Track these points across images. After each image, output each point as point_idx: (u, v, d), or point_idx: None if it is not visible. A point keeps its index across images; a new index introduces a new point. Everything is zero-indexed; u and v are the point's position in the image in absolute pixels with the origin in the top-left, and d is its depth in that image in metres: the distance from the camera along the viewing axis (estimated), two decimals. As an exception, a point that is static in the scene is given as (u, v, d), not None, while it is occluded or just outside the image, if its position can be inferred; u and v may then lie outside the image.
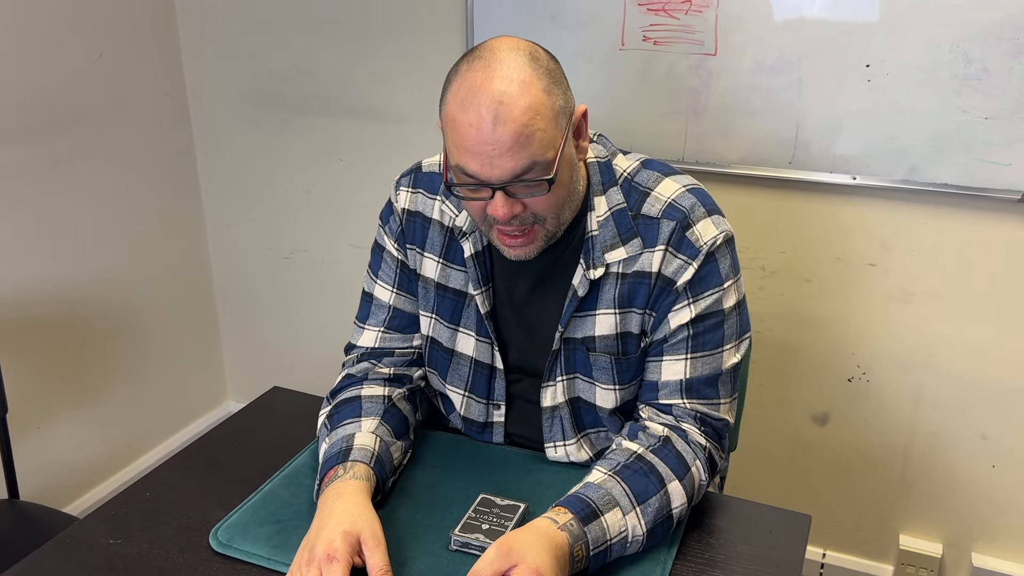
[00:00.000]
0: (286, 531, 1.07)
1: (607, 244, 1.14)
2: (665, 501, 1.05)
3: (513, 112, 0.98)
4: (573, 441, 1.23)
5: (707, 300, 1.13)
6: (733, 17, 1.70)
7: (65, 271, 2.10)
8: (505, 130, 0.98)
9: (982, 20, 1.55)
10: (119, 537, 1.08)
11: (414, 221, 1.25)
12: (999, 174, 1.63)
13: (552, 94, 1.02)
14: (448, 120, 1.03)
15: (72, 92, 2.04)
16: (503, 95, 0.99)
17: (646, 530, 1.03)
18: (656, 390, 1.15)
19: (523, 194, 1.04)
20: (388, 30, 2.06)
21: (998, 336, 1.75)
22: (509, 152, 0.99)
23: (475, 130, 0.99)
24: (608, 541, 1.01)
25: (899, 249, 1.77)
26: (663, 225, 1.13)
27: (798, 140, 1.74)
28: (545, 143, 1.01)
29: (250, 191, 2.40)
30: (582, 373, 1.19)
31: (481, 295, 1.20)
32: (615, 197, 1.15)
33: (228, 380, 2.70)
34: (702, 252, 1.12)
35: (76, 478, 2.23)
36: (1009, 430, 1.81)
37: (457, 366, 1.26)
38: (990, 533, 1.90)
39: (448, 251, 1.23)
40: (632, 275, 1.14)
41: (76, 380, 2.19)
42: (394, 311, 1.29)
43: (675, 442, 1.11)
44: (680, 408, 1.14)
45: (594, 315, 1.16)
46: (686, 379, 1.14)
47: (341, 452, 1.12)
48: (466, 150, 1.01)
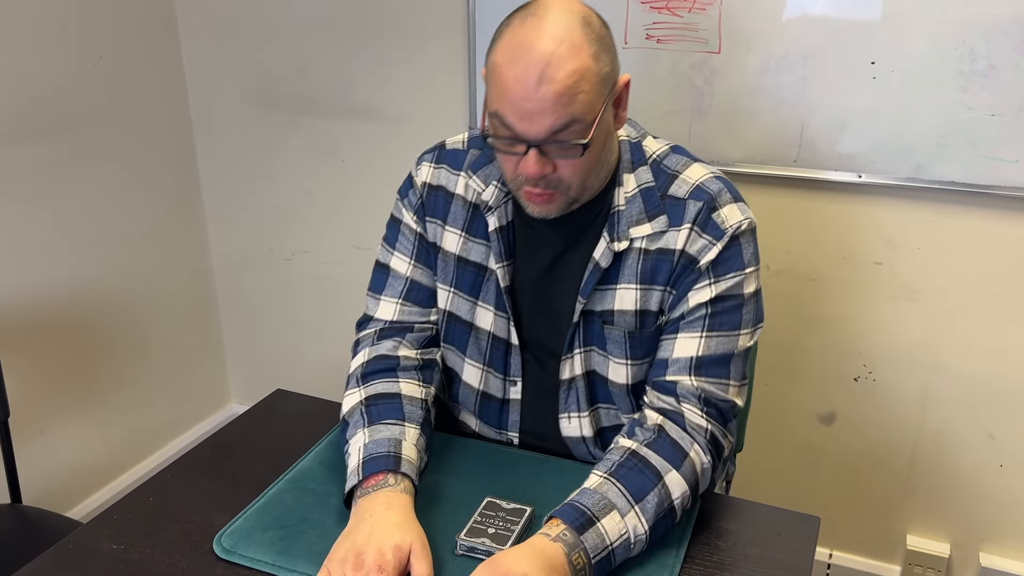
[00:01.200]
0: (290, 536, 1.06)
1: (633, 219, 1.15)
2: (664, 495, 1.04)
3: (559, 74, 0.99)
4: (587, 413, 1.23)
5: (728, 282, 1.13)
6: (737, 15, 1.69)
7: (67, 274, 2.10)
8: (549, 89, 1.00)
9: (988, 16, 1.54)
10: (122, 543, 1.07)
11: (436, 195, 1.26)
12: (1006, 171, 1.61)
13: (600, 60, 1.03)
14: (493, 69, 1.04)
15: (73, 94, 2.04)
16: (551, 56, 1.00)
17: (648, 528, 1.02)
18: (665, 367, 1.14)
19: (556, 155, 1.05)
20: (389, 30, 2.05)
21: (1005, 335, 1.74)
22: (549, 111, 1.01)
23: (519, 85, 1.00)
24: (609, 546, 1.00)
25: (905, 247, 1.75)
26: (689, 205, 1.14)
27: (803, 138, 1.73)
28: (586, 107, 1.02)
29: (251, 193, 2.39)
30: (598, 346, 1.19)
31: (502, 269, 1.20)
32: (644, 176, 1.17)
33: (231, 383, 2.69)
34: (727, 234, 1.13)
35: (79, 482, 2.22)
36: (1017, 429, 1.79)
37: (476, 340, 1.25)
38: (998, 533, 1.88)
39: (471, 225, 1.23)
40: (656, 252, 1.15)
41: (78, 383, 2.18)
42: (412, 283, 1.28)
43: (669, 431, 1.10)
44: (685, 386, 1.12)
45: (615, 289, 1.16)
46: (697, 356, 1.13)
47: (391, 458, 1.09)
48: (507, 102, 1.02)
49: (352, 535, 1.01)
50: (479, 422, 1.32)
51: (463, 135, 1.30)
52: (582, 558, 0.97)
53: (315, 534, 1.06)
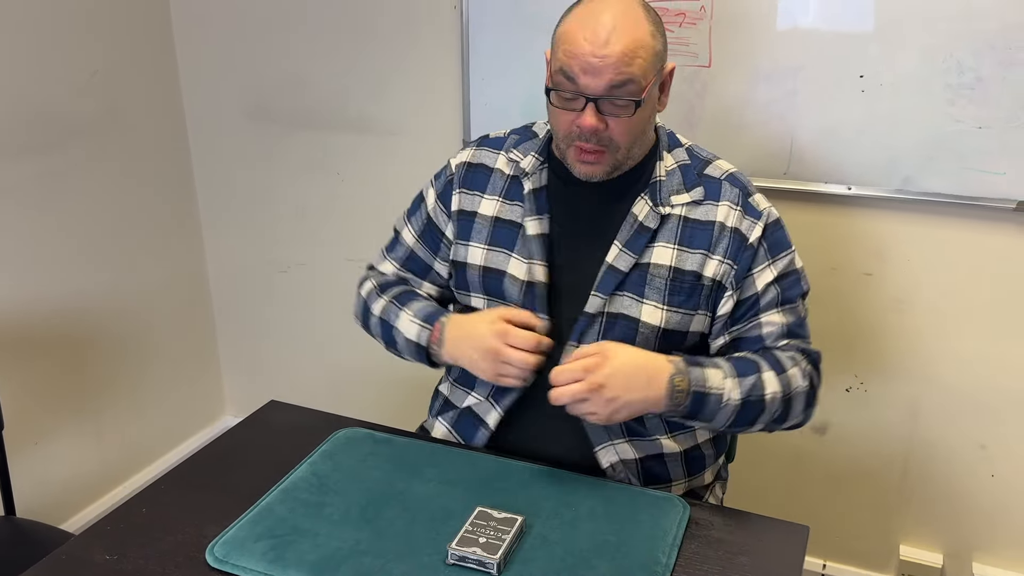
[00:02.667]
0: (282, 546, 1.06)
1: (673, 189, 1.29)
2: (760, 383, 1.20)
3: (624, 37, 1.15)
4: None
5: (784, 260, 1.29)
6: (727, 29, 1.71)
7: (62, 286, 2.10)
8: (614, 48, 1.14)
9: (975, 30, 1.56)
10: (115, 553, 1.07)
11: (475, 171, 1.39)
12: (994, 183, 1.63)
13: (655, 38, 1.19)
14: (563, 34, 1.19)
15: (70, 107, 2.05)
16: (618, 23, 1.16)
17: (740, 398, 1.19)
18: (762, 341, 1.29)
19: (610, 112, 1.18)
20: (384, 44, 2.06)
21: (995, 345, 1.75)
22: (612, 67, 1.15)
23: (588, 43, 1.15)
24: (707, 388, 1.17)
25: (895, 259, 1.77)
26: (726, 186, 1.29)
27: (793, 151, 1.74)
28: (643, 70, 1.17)
29: (247, 205, 2.40)
30: (632, 292, 1.28)
31: (535, 221, 1.31)
32: (681, 155, 1.33)
33: (226, 395, 2.69)
34: (763, 215, 1.28)
35: (73, 494, 2.22)
36: (1008, 439, 1.80)
37: (511, 287, 1.34)
38: (990, 542, 1.89)
39: (508, 191, 1.36)
40: (694, 221, 1.28)
41: (73, 395, 2.18)
42: (411, 253, 1.45)
43: (776, 353, 1.26)
44: (784, 346, 1.29)
45: (653, 246, 1.28)
46: (785, 325, 1.29)
47: (438, 311, 1.34)
48: (575, 57, 1.16)
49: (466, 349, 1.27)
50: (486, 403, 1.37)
51: (505, 130, 1.43)
52: (684, 381, 1.16)
53: (307, 543, 1.07)
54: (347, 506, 1.14)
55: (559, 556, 1.05)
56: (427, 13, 1.99)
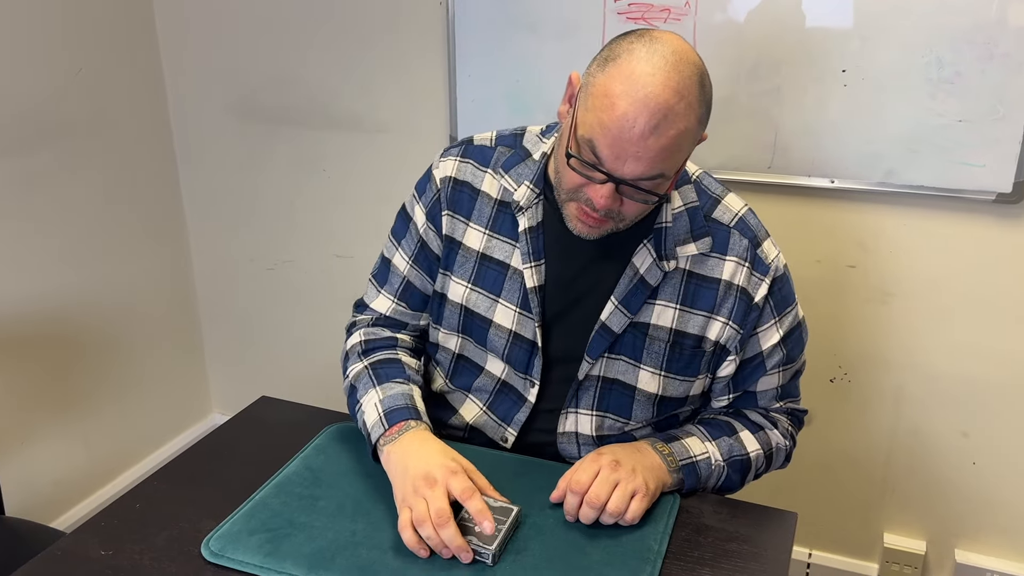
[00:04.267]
0: (277, 539, 1.07)
1: (679, 238, 1.18)
2: (738, 443, 1.20)
3: (670, 131, 1.00)
4: (588, 412, 1.25)
5: (788, 318, 1.24)
6: (711, 25, 1.72)
7: (47, 286, 2.10)
8: (656, 143, 1.00)
9: (954, 25, 1.58)
10: (110, 548, 1.08)
11: (461, 191, 1.26)
12: (974, 175, 1.66)
13: (702, 123, 1.06)
14: (602, 94, 1.01)
15: (53, 106, 2.04)
16: (670, 110, 0.99)
17: (724, 460, 1.18)
18: (756, 400, 1.28)
19: (630, 196, 1.07)
20: (369, 41, 2.07)
21: (976, 334, 1.78)
22: (646, 160, 1.01)
23: (628, 125, 0.99)
24: (692, 457, 1.16)
25: (878, 250, 1.79)
26: (735, 237, 1.19)
27: (777, 145, 1.77)
28: (677, 164, 1.05)
29: (233, 203, 2.40)
30: (628, 355, 1.21)
31: (531, 269, 1.20)
32: (689, 195, 1.20)
33: (213, 393, 2.69)
34: (771, 269, 1.20)
35: (61, 494, 2.22)
36: (989, 427, 1.83)
37: (496, 337, 1.25)
38: (972, 529, 1.92)
39: (495, 223, 1.23)
40: (699, 277, 1.19)
41: (59, 394, 2.18)
42: (407, 284, 1.31)
43: (748, 414, 1.26)
44: (773, 409, 1.29)
45: (653, 304, 1.19)
46: (780, 387, 1.27)
47: (409, 408, 1.18)
48: (609, 134, 1.01)
49: (406, 473, 1.08)
50: (483, 413, 1.31)
51: (491, 133, 1.29)
52: (666, 448, 1.15)
53: (302, 536, 1.07)
54: (341, 499, 1.14)
55: (553, 545, 1.06)
56: (413, 10, 1.99)
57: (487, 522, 1.02)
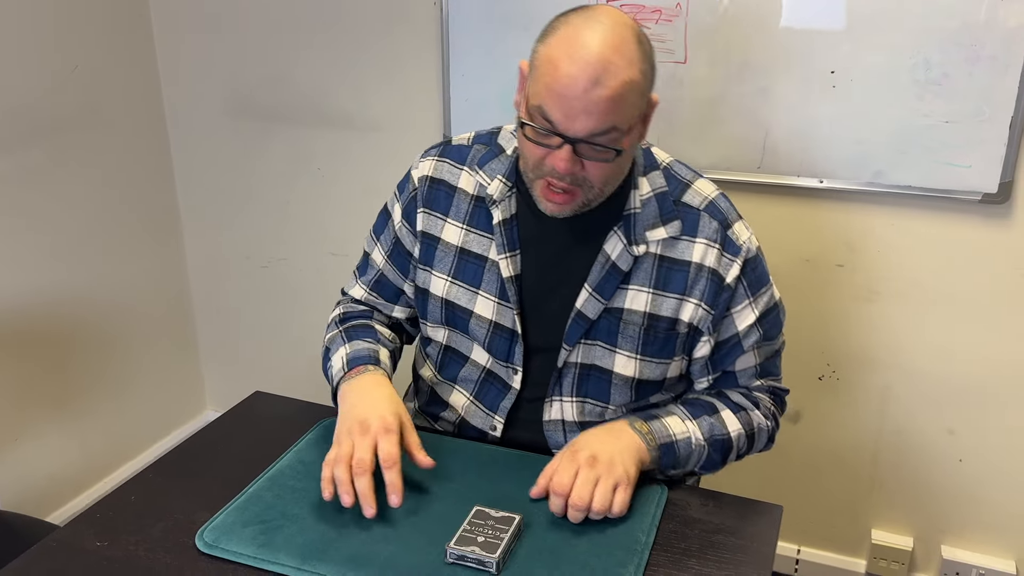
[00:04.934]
0: (271, 531, 1.08)
1: (648, 223, 1.21)
2: (719, 422, 1.22)
3: (612, 82, 1.04)
4: (570, 399, 1.28)
5: (764, 298, 1.25)
6: (702, 26, 1.74)
7: (42, 282, 2.11)
8: (601, 95, 1.04)
9: (941, 28, 1.60)
10: (105, 539, 1.09)
11: (438, 188, 1.30)
12: (961, 176, 1.68)
13: (646, 77, 1.10)
14: (546, 61, 1.07)
15: (48, 103, 2.05)
16: (610, 63, 1.04)
17: (705, 439, 1.19)
18: (735, 379, 1.29)
19: (588, 156, 1.10)
20: (363, 40, 2.08)
21: (962, 333, 1.80)
22: (596, 114, 1.05)
23: (573, 82, 1.04)
24: (672, 436, 1.17)
25: (866, 250, 1.81)
26: (704, 219, 1.22)
27: (766, 145, 1.78)
28: (627, 116, 1.08)
29: (228, 200, 2.41)
30: (603, 340, 1.24)
31: (506, 260, 1.25)
32: (658, 180, 1.23)
33: (207, 390, 2.70)
34: (742, 250, 1.22)
35: (55, 490, 2.23)
36: (975, 425, 1.86)
37: (477, 328, 1.29)
38: (959, 526, 1.95)
39: (472, 217, 1.28)
40: (670, 260, 1.21)
41: (54, 391, 2.19)
42: (380, 276, 1.39)
43: (730, 394, 1.27)
44: (754, 386, 1.30)
45: (626, 289, 1.22)
46: (758, 365, 1.28)
47: (370, 357, 1.24)
48: (556, 95, 1.05)
49: (350, 410, 1.15)
50: (470, 403, 1.34)
51: (469, 133, 1.34)
52: (645, 426, 1.17)
53: (295, 528, 1.09)
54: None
55: (541, 537, 1.07)
56: (407, 9, 2.01)
57: (395, 496, 1.07)
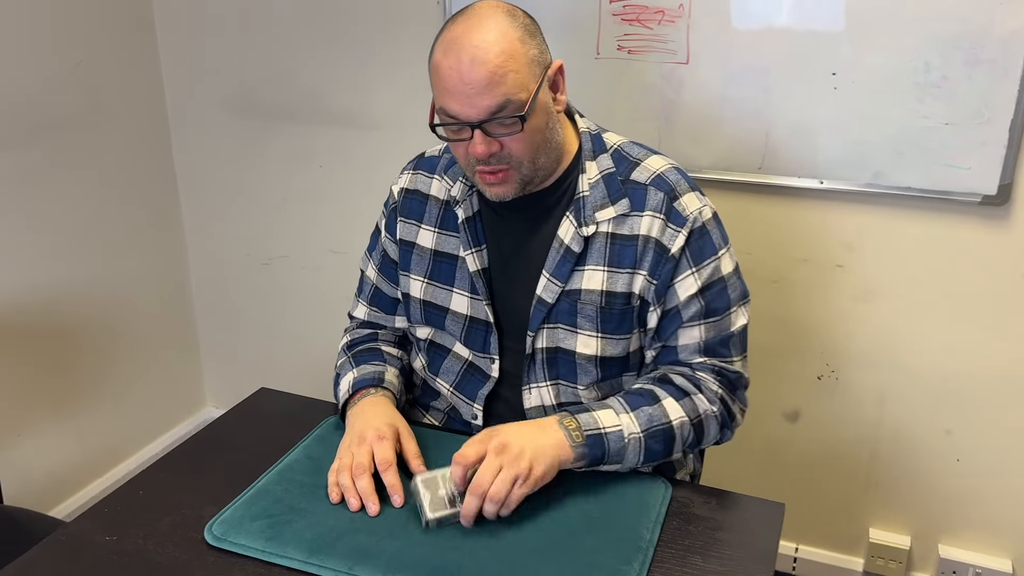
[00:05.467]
0: (279, 525, 1.09)
1: (597, 204, 1.24)
2: (660, 411, 1.18)
3: (487, 55, 1.10)
4: (544, 384, 1.30)
5: (708, 268, 1.23)
6: (704, 27, 1.76)
7: (44, 278, 2.11)
8: (480, 71, 1.10)
9: (942, 31, 1.62)
10: (114, 534, 1.10)
11: (412, 198, 1.38)
12: (960, 177, 1.69)
13: (526, 43, 1.13)
14: (433, 67, 1.15)
15: (50, 99, 2.05)
16: (480, 40, 1.10)
17: (642, 431, 1.16)
18: (676, 353, 1.26)
19: (499, 133, 1.14)
20: (365, 37, 2.09)
21: (960, 333, 1.82)
22: (484, 90, 1.10)
23: (454, 72, 1.11)
24: (601, 429, 1.14)
25: (864, 251, 1.83)
26: (651, 192, 1.23)
27: (767, 146, 1.80)
28: (518, 85, 1.12)
29: (229, 197, 2.42)
30: (564, 322, 1.26)
31: (471, 255, 1.30)
32: (605, 163, 1.26)
33: (207, 387, 2.70)
34: (688, 221, 1.22)
35: (56, 486, 2.23)
36: (972, 424, 1.87)
37: (453, 324, 1.34)
38: (956, 525, 1.96)
39: (443, 221, 1.34)
40: (621, 237, 1.23)
41: (55, 388, 2.19)
42: (376, 289, 1.45)
43: (674, 378, 1.23)
44: (698, 364, 1.25)
45: (583, 271, 1.25)
46: (703, 341, 1.25)
47: (374, 380, 1.31)
48: (446, 91, 1.12)
49: (350, 429, 1.22)
50: (452, 393, 1.38)
51: (442, 144, 1.39)
52: (573, 421, 1.14)
53: (303, 522, 1.10)
54: (341, 487, 1.17)
55: (546, 530, 1.08)
56: (410, 7, 2.02)
57: (396, 496, 1.13)
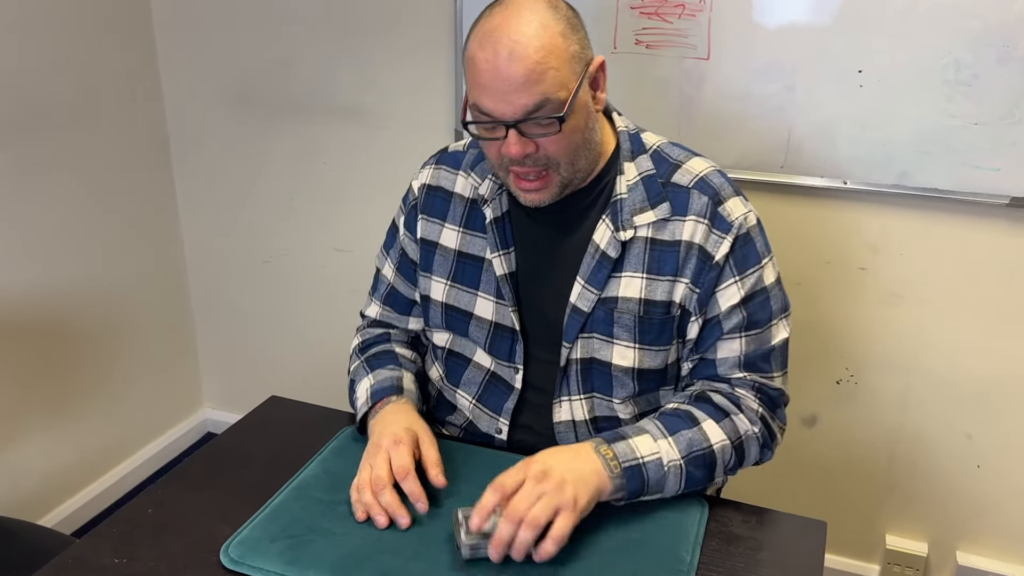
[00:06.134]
0: (300, 546, 1.04)
1: (636, 207, 1.17)
2: (701, 435, 1.11)
3: (527, 50, 1.03)
4: (578, 397, 1.24)
5: (752, 278, 1.17)
6: (726, 22, 1.70)
7: (37, 278, 2.04)
8: (519, 66, 1.02)
9: (973, 28, 1.57)
10: (124, 556, 1.04)
11: (435, 195, 1.30)
12: (988, 179, 1.65)
13: (567, 38, 1.06)
14: (467, 60, 1.08)
15: (44, 94, 1.98)
16: (519, 35, 1.03)
17: (682, 457, 1.09)
18: (714, 367, 1.19)
19: (535, 133, 1.07)
20: (374, 29, 2.03)
21: (984, 338, 1.78)
22: (522, 88, 1.03)
23: (490, 66, 1.04)
24: (639, 459, 1.06)
25: (889, 253, 1.79)
26: (694, 196, 1.17)
27: (790, 144, 1.75)
28: (557, 83, 1.05)
29: (228, 194, 2.35)
30: (599, 332, 1.20)
31: (499, 258, 1.23)
32: (645, 164, 1.19)
33: (204, 387, 2.64)
34: (734, 227, 1.16)
35: (51, 490, 2.17)
36: (993, 430, 1.84)
37: (477, 328, 1.27)
38: (974, 532, 1.93)
39: (468, 220, 1.27)
40: (661, 243, 1.17)
41: (50, 389, 2.12)
42: (392, 289, 1.38)
43: (713, 397, 1.16)
44: (738, 379, 1.18)
45: (619, 277, 1.18)
46: (743, 355, 1.18)
47: (393, 387, 1.24)
48: (482, 86, 1.06)
49: (370, 440, 1.15)
50: (474, 406, 1.31)
51: (466, 139, 1.34)
52: (610, 451, 1.06)
53: (325, 543, 1.04)
54: (363, 505, 1.11)
55: (583, 555, 1.03)
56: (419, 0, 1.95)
57: (420, 503, 1.07)
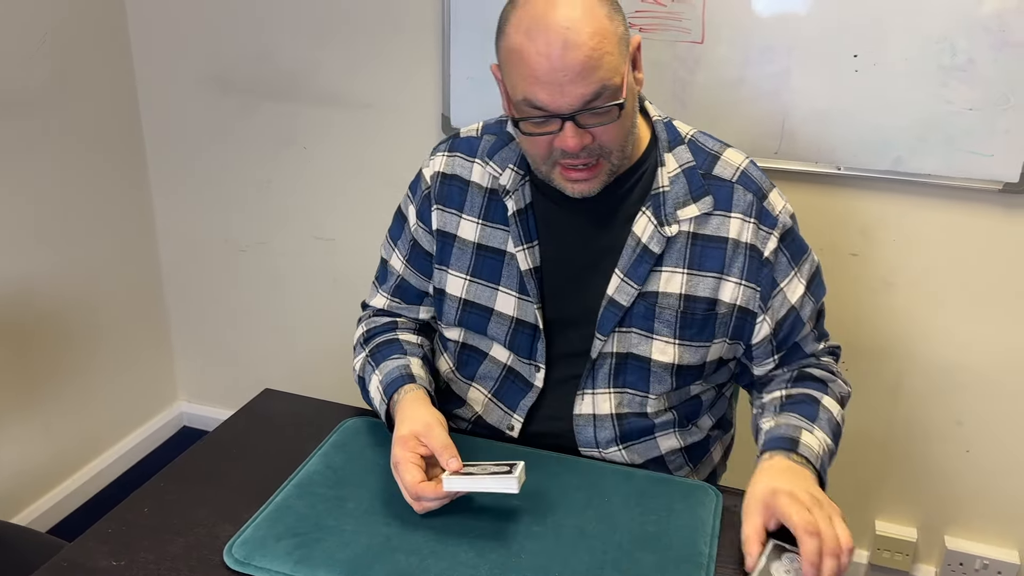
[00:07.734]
0: (307, 544, 1.00)
1: (679, 201, 1.14)
2: (827, 412, 1.15)
3: (581, 37, 0.98)
4: (605, 391, 1.20)
5: (807, 266, 1.20)
6: (721, 5, 1.68)
7: (4, 268, 1.96)
8: (576, 55, 0.98)
9: (969, 12, 1.56)
10: (122, 559, 0.99)
11: (450, 184, 1.24)
12: (981, 164, 1.65)
13: (614, 20, 1.02)
14: (512, 53, 1.02)
15: (14, 78, 1.90)
16: (569, 21, 0.98)
17: (832, 438, 1.13)
18: (802, 350, 1.24)
19: (592, 123, 1.03)
20: (354, 10, 1.97)
21: (976, 324, 1.78)
22: (580, 78, 0.99)
23: (544, 58, 0.98)
24: (820, 455, 1.09)
25: (881, 239, 1.78)
26: (738, 192, 1.15)
27: (784, 130, 1.73)
28: (612, 68, 1.01)
29: (203, 180, 2.28)
30: (638, 327, 1.17)
31: (523, 252, 1.18)
32: (684, 155, 1.17)
33: (179, 380, 2.57)
34: (779, 223, 1.16)
35: (23, 487, 2.09)
36: (983, 416, 1.84)
37: (497, 325, 1.22)
38: (963, 516, 1.94)
39: (488, 211, 1.21)
40: (704, 238, 1.15)
41: (19, 383, 2.05)
42: (402, 281, 1.32)
43: (812, 372, 1.22)
44: (821, 351, 1.26)
45: (660, 271, 1.15)
46: (816, 330, 1.25)
47: (404, 376, 1.18)
48: (535, 80, 1.00)
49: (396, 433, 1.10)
50: (488, 400, 1.27)
51: (477, 124, 1.28)
52: (800, 457, 1.07)
53: (333, 541, 1.01)
54: (370, 500, 1.08)
55: (600, 550, 1.01)
56: (405, -19, 1.91)
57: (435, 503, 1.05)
